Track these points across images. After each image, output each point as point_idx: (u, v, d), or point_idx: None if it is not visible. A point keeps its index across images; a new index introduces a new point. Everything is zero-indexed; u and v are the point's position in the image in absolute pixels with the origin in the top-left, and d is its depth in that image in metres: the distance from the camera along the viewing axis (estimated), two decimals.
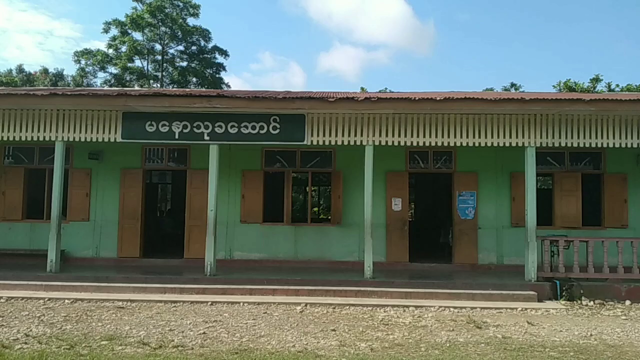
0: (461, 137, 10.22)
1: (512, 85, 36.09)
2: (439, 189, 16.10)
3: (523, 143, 10.15)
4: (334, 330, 7.07)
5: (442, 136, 10.22)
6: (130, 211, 12.28)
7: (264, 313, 8.17)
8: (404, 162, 12.17)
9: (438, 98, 9.77)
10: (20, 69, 40.31)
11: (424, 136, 10.24)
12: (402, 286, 9.66)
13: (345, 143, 10.30)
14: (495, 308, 8.75)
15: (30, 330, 6.77)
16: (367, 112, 10.15)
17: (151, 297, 9.08)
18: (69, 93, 10.54)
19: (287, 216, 12.26)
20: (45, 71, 40.15)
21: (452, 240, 12.38)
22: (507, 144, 10.22)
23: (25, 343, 6.13)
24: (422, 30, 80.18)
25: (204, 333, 6.75)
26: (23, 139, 10.60)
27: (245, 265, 11.75)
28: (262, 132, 10.39)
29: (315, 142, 10.33)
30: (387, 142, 10.26)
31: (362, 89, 31.52)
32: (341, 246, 12.05)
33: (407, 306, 8.76)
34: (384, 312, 8.43)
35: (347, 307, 8.69)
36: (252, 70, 76.01)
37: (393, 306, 8.74)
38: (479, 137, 10.20)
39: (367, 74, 78.94)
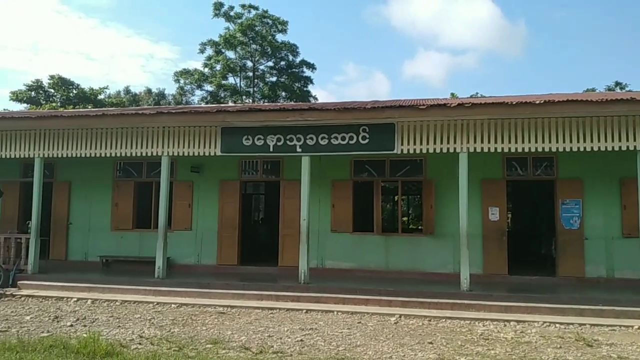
0: (564, 142, 9.61)
1: (617, 84, 33.38)
2: (539, 197, 15.21)
3: (635, 147, 9.34)
4: (431, 343, 6.91)
5: (542, 141, 9.68)
6: (228, 221, 12.89)
7: (358, 323, 8.17)
8: (500, 169, 11.67)
9: (537, 101, 9.28)
10: (127, 91, 44.09)
11: (522, 142, 9.75)
12: (501, 299, 9.23)
13: (438, 151, 10.09)
14: (607, 325, 8.07)
15: (143, 332, 7.31)
16: (460, 118, 9.88)
17: (249, 304, 9.45)
18: (173, 111, 11.34)
19: (378, 226, 12.21)
20: (149, 91, 43.54)
21: (555, 251, 11.62)
22: (616, 148, 9.45)
23: (140, 344, 6.63)
24: (512, 31, 76.72)
25: (301, 340, 6.89)
26: (133, 154, 11.53)
27: (337, 275, 11.84)
28: (351, 142, 10.48)
29: (405, 151, 10.23)
30: (482, 149, 9.90)
31: (452, 94, 30.72)
32: (434, 257, 11.77)
33: (508, 321, 8.34)
34: (483, 326, 8.10)
35: (443, 320, 8.45)
36: (337, 81, 77.01)
37: (492, 320, 8.37)
38: (584, 141, 9.53)
39: (455, 79, 76.84)
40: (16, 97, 36.82)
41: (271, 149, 10.83)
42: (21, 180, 14.08)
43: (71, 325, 7.72)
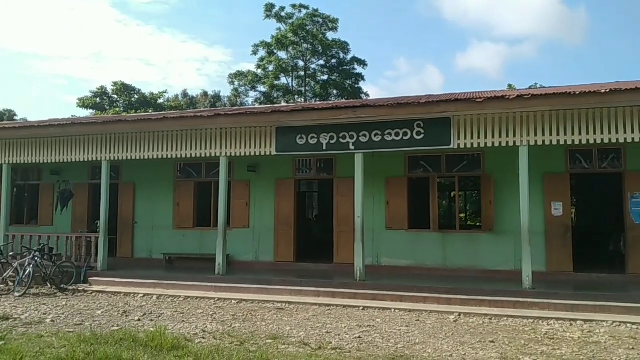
0: (632, 132, 9.08)
1: None
2: (605, 191, 14.44)
3: None
4: (492, 342, 6.74)
5: (609, 132, 9.19)
6: (284, 218, 13.09)
7: (416, 320, 8.10)
8: (563, 162, 11.18)
9: (603, 90, 8.81)
10: (185, 94, 45.62)
11: (587, 133, 9.30)
12: (567, 298, 8.85)
13: (496, 145, 9.80)
14: None
15: (206, 327, 7.56)
16: (520, 110, 9.55)
17: (306, 300, 9.57)
18: (230, 113, 11.66)
19: (434, 223, 12.02)
20: (205, 94, 44.87)
21: (624, 247, 11.01)
22: None
23: (203, 338, 6.87)
24: (571, 17, 73.30)
25: (359, 337, 6.91)
26: (192, 155, 11.94)
27: (393, 272, 11.76)
28: (405, 138, 10.38)
29: (462, 146, 10.01)
30: (543, 141, 9.52)
31: (509, 86, 29.70)
32: (494, 254, 11.44)
33: (574, 320, 8.00)
34: (548, 325, 7.80)
35: (505, 319, 8.21)
36: (388, 77, 76.25)
37: (557, 319, 8.05)
38: None
39: (512, 70, 74.28)
40: (83, 103, 39.02)
41: (324, 147, 10.90)
42: (90, 182, 14.91)
43: (139, 320, 8.11)
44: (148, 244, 14.24)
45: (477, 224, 20.00)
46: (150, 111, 33.18)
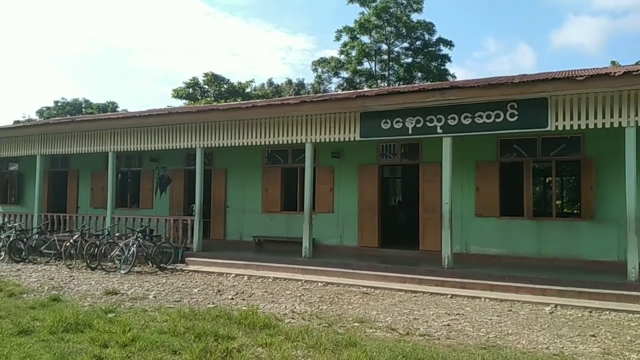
0: None
1: None
2: None
3: None
4: (593, 336, 6.32)
5: None
6: (368, 204, 13.08)
7: (508, 310, 7.78)
8: None
9: None
10: (270, 82, 46.74)
11: None
12: None
13: (599, 126, 9.07)
14: None
15: (295, 308, 7.79)
16: (627, 88, 8.76)
17: (392, 286, 9.53)
18: (315, 99, 11.77)
19: (528, 210, 11.41)
20: (289, 82, 45.67)
21: None
22: None
23: (292, 318, 7.08)
24: None
25: (448, 325, 6.78)
26: (279, 142, 12.23)
27: (482, 260, 11.37)
28: (497, 120, 9.91)
29: (560, 128, 9.37)
30: None
31: (613, 63, 27.27)
32: (594, 244, 10.66)
33: None
34: None
35: (607, 312, 7.67)
36: (476, 57, 72.91)
37: None
38: None
39: (614, 45, 68.01)
40: (177, 94, 41.33)
41: (410, 132, 10.70)
42: (185, 168, 15.82)
43: (232, 299, 8.53)
44: (239, 227, 14.89)
45: (575, 211, 18.74)
46: (239, 100, 34.42)
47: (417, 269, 10.45)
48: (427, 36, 37.47)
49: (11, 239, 13.27)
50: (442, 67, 37.24)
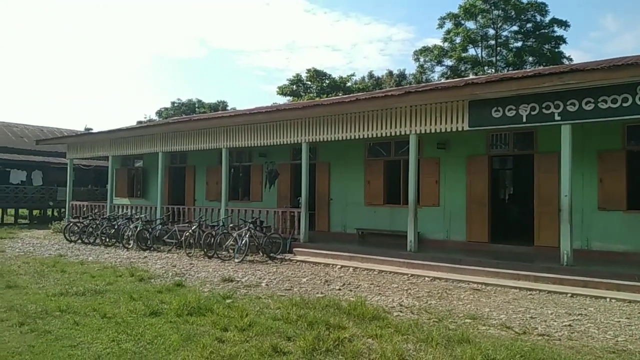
0: None
1: None
2: None
3: None
4: None
5: None
6: (476, 197, 12.58)
7: (639, 313, 7.07)
8: None
9: None
10: (370, 75, 46.65)
11: None
12: None
13: None
14: None
15: (402, 301, 7.73)
16: None
17: (504, 283, 9.09)
18: (420, 90, 11.55)
19: None
20: (390, 74, 45.23)
21: None
22: None
23: (400, 312, 7.04)
24: None
25: (569, 325, 6.32)
26: (383, 135, 12.16)
27: (606, 258, 10.44)
28: (625, 105, 9.00)
29: None
30: None
31: None
32: None
33: None
34: None
35: None
36: (592, 38, 66.58)
37: None
38: None
39: None
40: (281, 91, 42.82)
41: (524, 120, 10.08)
42: (291, 163, 16.37)
43: (339, 289, 8.68)
44: (342, 219, 15.10)
45: None
46: (340, 94, 34.78)
47: (532, 265, 9.85)
48: (538, 17, 35.07)
49: (138, 229, 14.63)
50: (556, 50, 34.62)
